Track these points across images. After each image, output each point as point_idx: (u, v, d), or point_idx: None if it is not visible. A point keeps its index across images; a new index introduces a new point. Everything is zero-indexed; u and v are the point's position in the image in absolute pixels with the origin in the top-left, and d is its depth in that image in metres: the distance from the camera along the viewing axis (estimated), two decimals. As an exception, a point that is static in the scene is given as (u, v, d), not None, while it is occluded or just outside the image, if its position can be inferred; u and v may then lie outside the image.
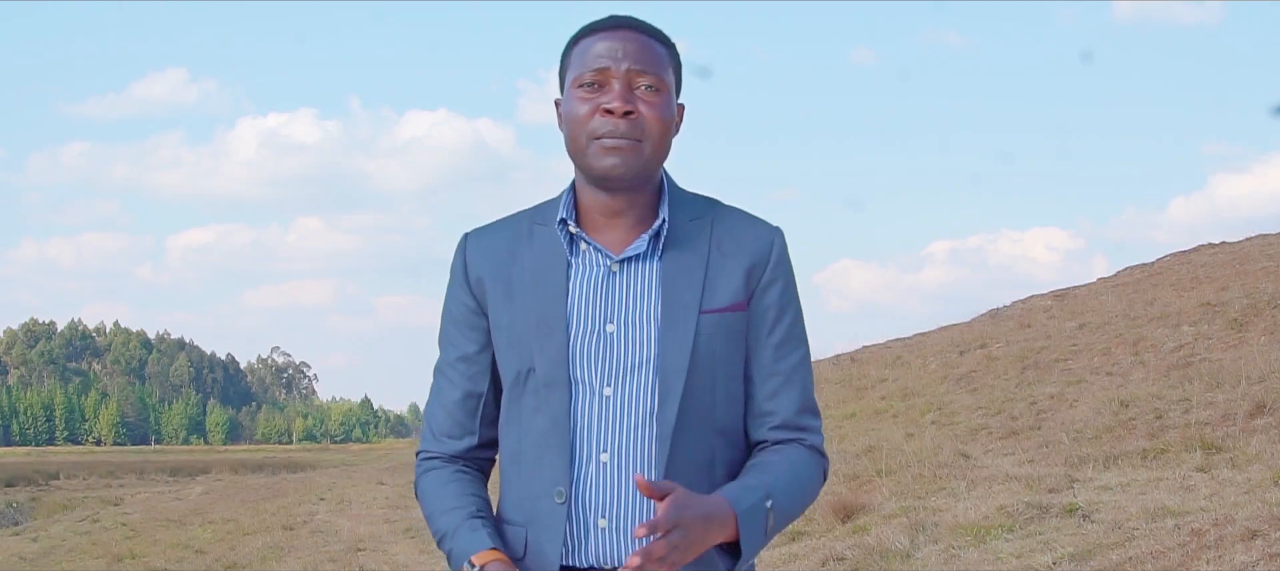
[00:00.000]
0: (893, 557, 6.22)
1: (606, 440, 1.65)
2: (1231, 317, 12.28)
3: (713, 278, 1.67)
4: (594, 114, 1.63)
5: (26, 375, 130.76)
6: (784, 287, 1.71)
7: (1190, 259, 19.46)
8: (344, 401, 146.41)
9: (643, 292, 1.67)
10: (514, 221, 1.75)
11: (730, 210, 1.74)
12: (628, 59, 1.63)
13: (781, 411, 1.70)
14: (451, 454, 1.76)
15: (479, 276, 1.72)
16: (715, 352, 1.66)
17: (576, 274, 1.68)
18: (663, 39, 1.69)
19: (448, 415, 1.75)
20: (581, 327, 1.66)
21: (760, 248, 1.69)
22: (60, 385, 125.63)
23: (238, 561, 11.98)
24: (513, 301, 1.69)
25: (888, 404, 13.73)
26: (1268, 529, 5.08)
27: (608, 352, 1.65)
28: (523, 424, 1.69)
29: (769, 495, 1.61)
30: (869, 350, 20.52)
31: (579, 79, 1.64)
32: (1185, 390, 9.21)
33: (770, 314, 1.69)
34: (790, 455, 1.69)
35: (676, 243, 1.68)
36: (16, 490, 36.53)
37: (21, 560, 15.90)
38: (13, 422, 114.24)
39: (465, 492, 1.73)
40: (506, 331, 1.69)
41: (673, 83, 1.68)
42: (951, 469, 8.37)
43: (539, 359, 1.66)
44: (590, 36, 1.66)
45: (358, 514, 14.89)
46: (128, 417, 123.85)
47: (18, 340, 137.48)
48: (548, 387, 1.66)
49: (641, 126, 1.63)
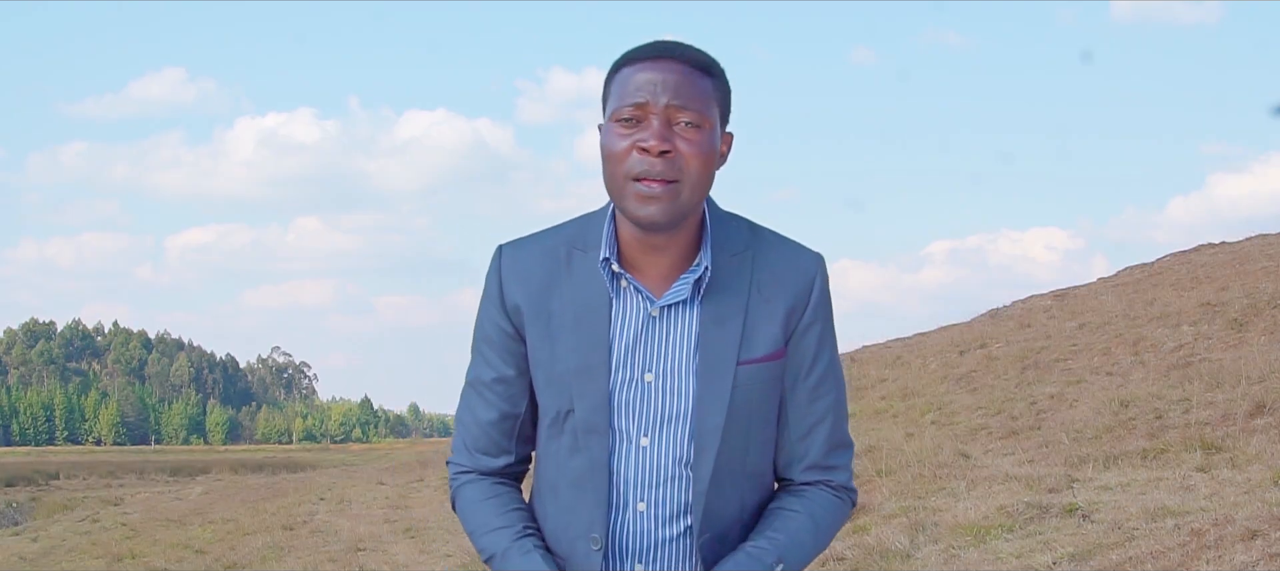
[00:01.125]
0: (893, 557, 6.21)
1: (643, 489, 1.65)
2: (1231, 317, 12.27)
3: (752, 326, 1.63)
4: (631, 151, 1.56)
5: (26, 375, 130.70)
6: (823, 328, 1.68)
7: (1190, 259, 19.46)
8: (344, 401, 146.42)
9: (681, 341, 1.64)
10: (550, 241, 1.69)
11: (771, 241, 1.68)
12: (667, 92, 1.56)
13: (811, 454, 1.70)
14: (488, 470, 1.74)
15: (516, 304, 1.67)
16: (752, 402, 1.64)
17: (617, 316, 1.64)
18: (709, 68, 1.60)
19: (484, 433, 1.73)
20: (622, 376, 1.63)
21: (800, 288, 1.65)
22: (60, 385, 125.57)
23: (238, 561, 11.98)
24: (553, 340, 1.65)
25: (888, 404, 13.72)
26: (1268, 529, 5.07)
27: (645, 403, 1.64)
28: (560, 460, 1.68)
29: (780, 559, 1.62)
30: (869, 350, 20.51)
31: (618, 113, 1.57)
32: (1185, 390, 9.21)
33: (808, 357, 1.67)
34: (811, 502, 1.69)
35: (717, 287, 1.63)
36: (16, 490, 36.51)
37: (21, 560, 15.90)
38: (13, 422, 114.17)
39: (507, 508, 1.71)
40: (546, 369, 1.66)
41: (717, 116, 1.61)
42: (951, 469, 8.36)
43: (579, 404, 1.64)
44: (631, 65, 1.59)
45: (358, 514, 14.87)
46: (128, 417, 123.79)
47: (18, 340, 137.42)
48: (588, 433, 1.64)
49: (679, 166, 1.56)
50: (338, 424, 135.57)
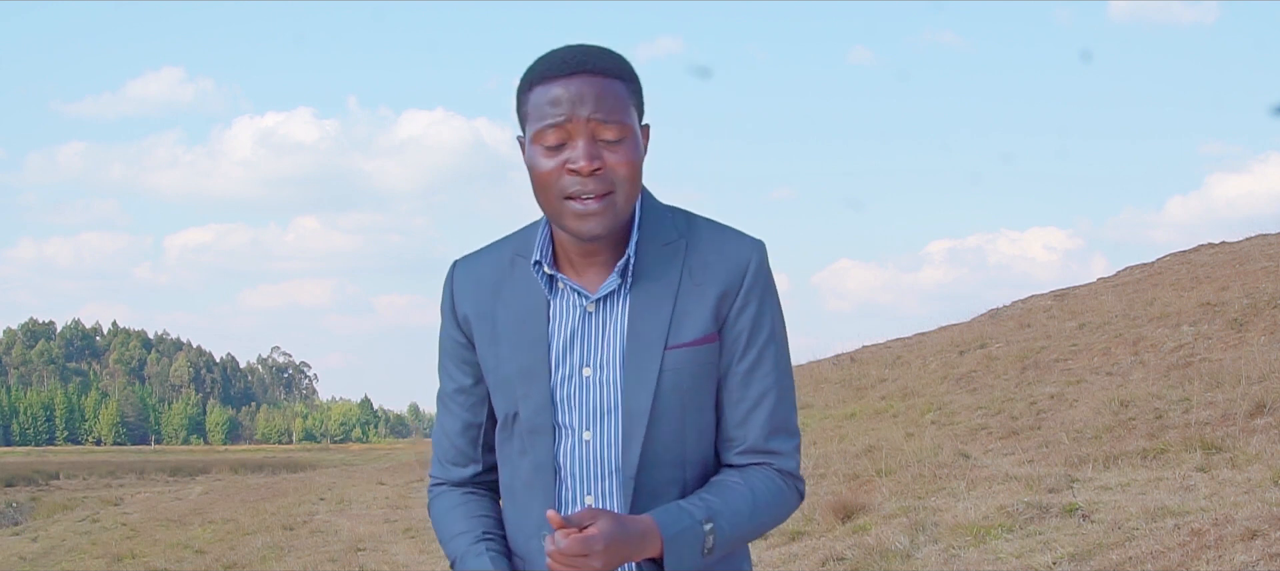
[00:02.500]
0: (893, 557, 6.21)
1: (590, 483, 1.67)
2: (1231, 317, 12.27)
3: (681, 311, 1.64)
4: (561, 172, 1.57)
5: (26, 375, 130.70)
6: (758, 310, 1.66)
7: (1190, 259, 19.46)
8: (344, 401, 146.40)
9: (615, 333, 1.65)
10: (498, 251, 1.73)
11: (708, 228, 1.69)
12: (587, 108, 1.56)
13: (749, 437, 1.68)
14: (458, 480, 1.79)
15: (465, 314, 1.72)
16: (682, 388, 1.64)
17: (556, 316, 1.66)
18: (620, 71, 1.60)
19: (451, 444, 1.78)
20: (562, 373, 1.66)
21: (733, 272, 1.65)
22: (60, 385, 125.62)
23: (238, 561, 11.98)
24: (497, 345, 1.69)
25: (888, 404, 13.73)
26: (1268, 529, 5.08)
27: (585, 397, 1.66)
28: (513, 462, 1.72)
29: (710, 517, 1.60)
30: (869, 350, 20.51)
31: (540, 134, 1.58)
32: (1185, 390, 9.21)
33: (742, 340, 1.66)
34: (752, 477, 1.68)
35: (647, 275, 1.64)
36: (16, 490, 36.54)
37: (21, 560, 15.90)
38: (13, 422, 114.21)
39: (472, 515, 1.75)
40: (493, 374, 1.70)
41: (636, 117, 1.62)
42: (951, 469, 8.37)
43: (523, 406, 1.67)
44: (545, 83, 1.58)
45: (358, 514, 14.88)
46: (128, 417, 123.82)
47: (17, 340, 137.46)
48: (532, 434, 1.67)
49: (610, 179, 1.58)
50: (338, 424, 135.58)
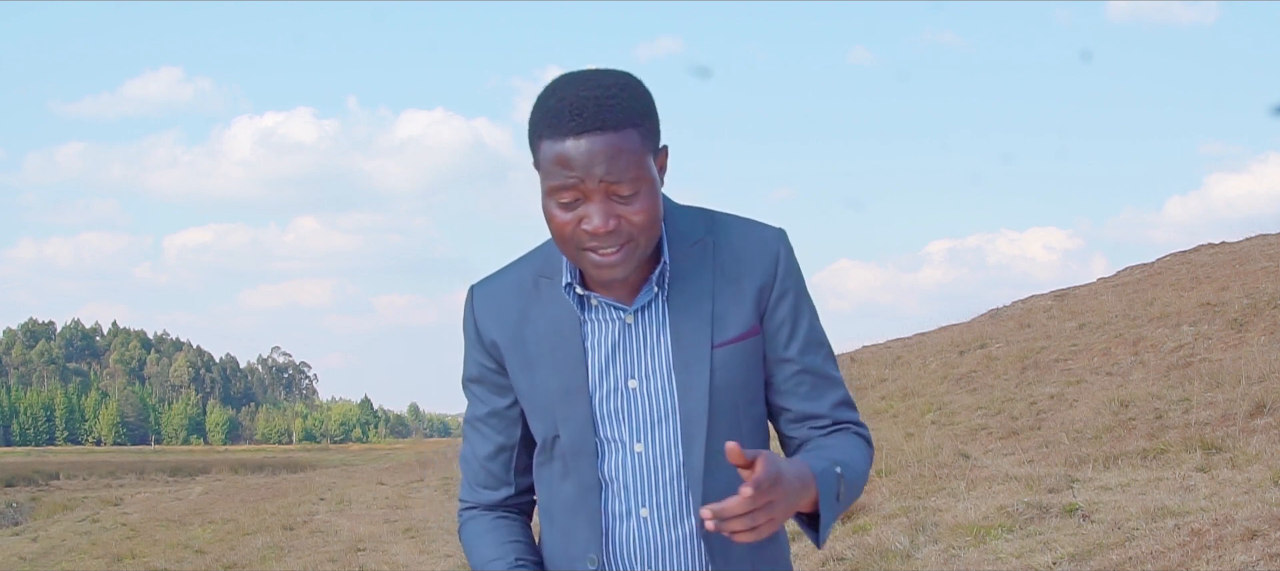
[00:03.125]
0: (893, 557, 6.21)
1: (644, 495, 1.65)
2: (1231, 317, 12.27)
3: (721, 309, 1.63)
4: (577, 227, 1.54)
5: (26, 375, 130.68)
6: (795, 296, 1.67)
7: (1190, 259, 19.45)
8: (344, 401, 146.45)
9: (658, 341, 1.64)
10: (518, 274, 1.70)
11: (729, 223, 1.68)
12: (600, 167, 1.50)
13: (821, 409, 1.69)
14: (489, 504, 1.76)
15: (493, 340, 1.69)
16: (733, 385, 1.64)
17: (592, 333, 1.65)
18: (633, 119, 1.53)
19: (483, 468, 1.75)
20: (605, 389, 1.64)
21: (765, 264, 1.65)
22: (60, 385, 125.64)
23: (238, 561, 11.97)
24: (532, 369, 1.66)
25: (888, 404, 13.72)
26: (1268, 529, 5.07)
27: (632, 409, 1.64)
28: (552, 487, 1.69)
29: (837, 462, 1.59)
30: (869, 350, 20.50)
31: (552, 188, 1.54)
32: (1185, 390, 9.21)
33: (786, 327, 1.66)
34: (840, 437, 1.68)
35: (681, 278, 1.63)
36: (16, 490, 36.54)
37: (21, 560, 15.89)
38: (13, 422, 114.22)
39: (504, 540, 1.72)
40: (529, 399, 1.67)
41: (652, 160, 1.56)
42: (951, 469, 8.36)
43: (564, 428, 1.64)
44: (554, 139, 1.52)
45: (358, 514, 14.87)
46: (128, 417, 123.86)
47: (17, 340, 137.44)
48: (575, 456, 1.65)
49: (627, 230, 1.55)
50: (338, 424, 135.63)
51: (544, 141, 1.53)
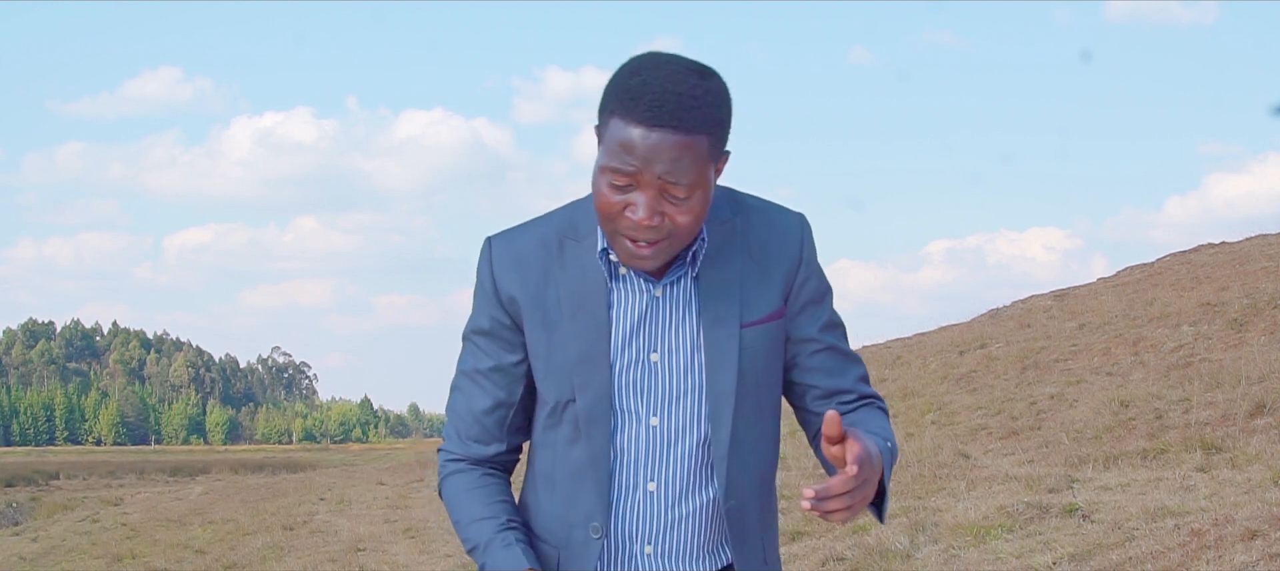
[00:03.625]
0: (893, 557, 6.21)
1: (653, 469, 1.65)
2: (1231, 317, 12.27)
3: (749, 290, 1.65)
4: (622, 209, 1.53)
5: (26, 375, 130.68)
6: (817, 279, 1.71)
7: (1190, 259, 19.45)
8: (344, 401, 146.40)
9: (684, 317, 1.64)
10: (541, 231, 1.67)
11: (753, 204, 1.69)
12: (661, 164, 1.49)
13: (846, 384, 1.73)
14: (479, 458, 1.73)
15: (511, 296, 1.66)
16: (758, 364, 1.66)
17: (618, 302, 1.63)
18: (707, 125, 1.51)
19: (476, 422, 1.72)
20: (626, 359, 1.63)
21: (790, 248, 1.67)
22: (60, 385, 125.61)
23: (238, 561, 11.97)
24: (551, 331, 1.64)
25: (888, 404, 13.71)
26: (1268, 529, 5.07)
27: (653, 382, 1.64)
28: (557, 450, 1.68)
29: (886, 438, 1.64)
30: (869, 350, 20.49)
31: (607, 165, 1.52)
32: (1185, 390, 9.21)
33: (810, 309, 1.70)
34: (867, 411, 1.73)
35: (709, 257, 1.64)
36: (16, 490, 36.52)
37: (21, 560, 15.89)
38: (13, 422, 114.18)
39: (493, 499, 1.71)
40: (545, 361, 1.65)
41: (712, 167, 1.54)
42: (951, 469, 8.36)
43: (581, 394, 1.63)
44: (627, 119, 1.49)
45: (358, 514, 14.87)
46: (128, 417, 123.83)
47: (17, 340, 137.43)
48: (589, 422, 1.64)
49: (668, 229, 1.54)
50: (337, 424, 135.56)
51: (615, 118, 1.51)
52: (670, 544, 1.67)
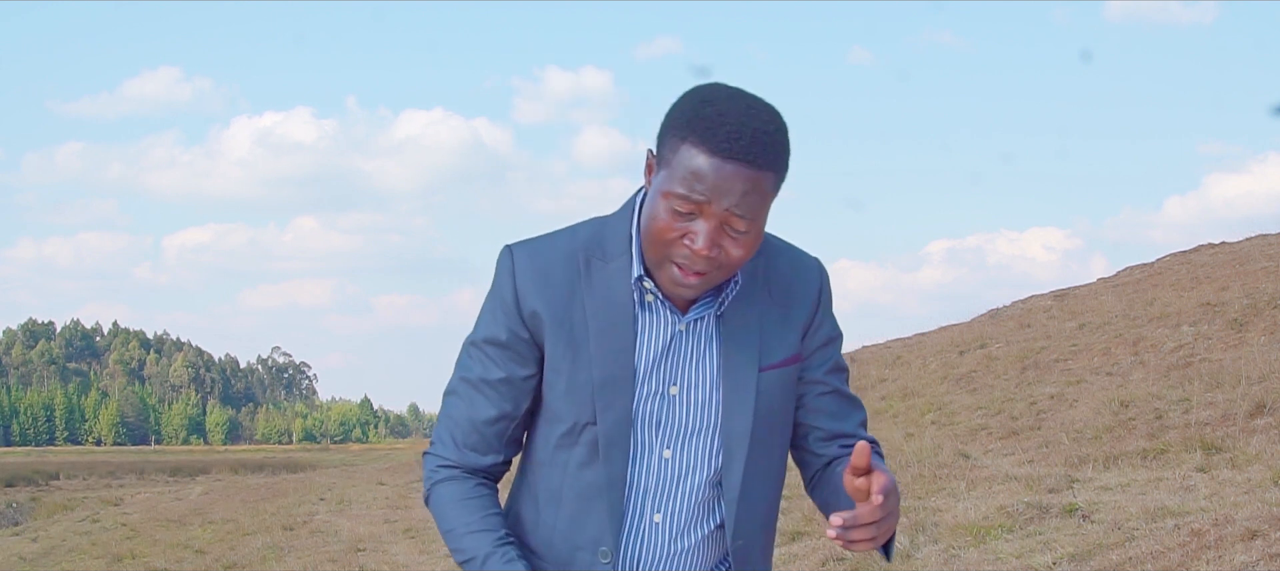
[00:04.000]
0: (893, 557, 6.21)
1: (660, 501, 1.66)
2: (1231, 317, 12.27)
3: (769, 333, 1.66)
4: (679, 238, 1.53)
5: (26, 375, 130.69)
6: (830, 325, 1.74)
7: (1190, 259, 19.45)
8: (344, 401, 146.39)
9: (706, 353, 1.65)
10: (566, 246, 1.65)
11: (776, 247, 1.71)
12: (730, 199, 1.49)
13: (849, 427, 1.75)
14: (473, 467, 1.71)
15: (534, 311, 1.63)
16: (774, 407, 1.68)
17: (644, 330, 1.63)
18: (777, 164, 1.54)
19: (476, 431, 1.69)
20: (648, 389, 1.64)
21: (810, 295, 1.70)
22: (60, 385, 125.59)
23: (238, 561, 11.97)
24: (576, 351, 1.62)
25: (888, 404, 13.72)
26: (1268, 529, 5.07)
27: (670, 415, 1.65)
28: (569, 471, 1.67)
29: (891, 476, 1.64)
30: (869, 350, 20.49)
31: (672, 191, 1.51)
32: (1185, 390, 9.21)
33: (820, 353, 1.72)
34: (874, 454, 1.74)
35: (734, 298, 1.65)
36: (16, 490, 36.53)
37: (21, 560, 15.90)
38: (13, 422, 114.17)
39: (488, 511, 1.69)
40: (567, 380, 1.63)
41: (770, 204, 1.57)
42: (951, 469, 8.36)
43: (603, 417, 1.62)
44: (699, 148, 1.49)
45: (358, 514, 14.88)
46: (128, 417, 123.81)
47: (17, 340, 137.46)
48: (608, 446, 1.63)
49: (721, 262, 1.54)
50: (337, 424, 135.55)
51: (688, 146, 1.50)
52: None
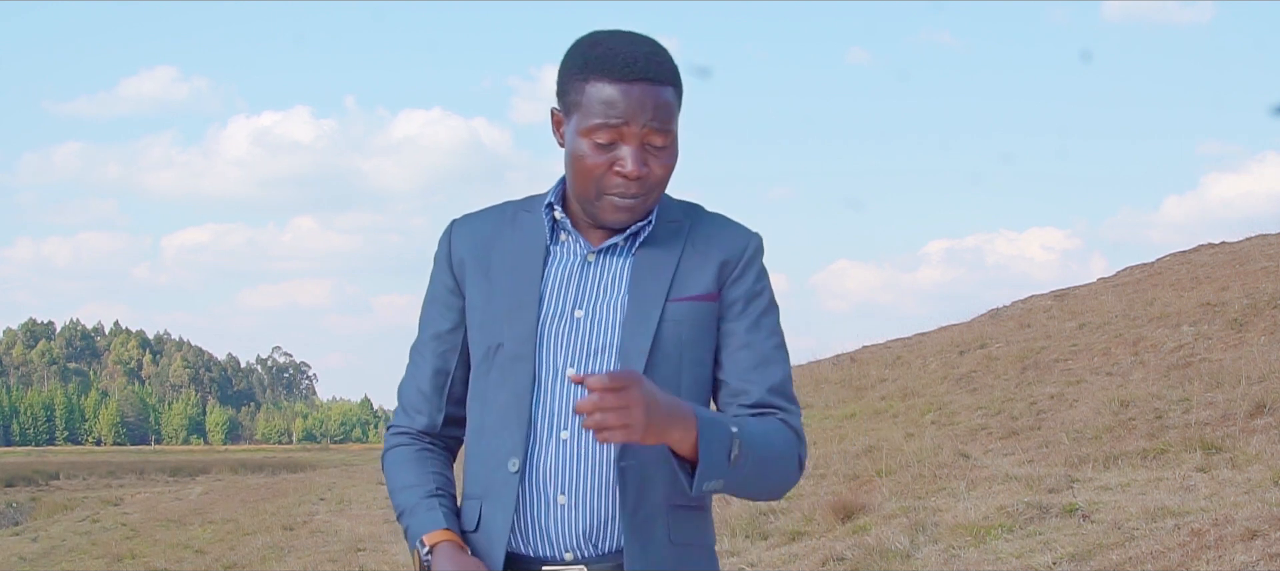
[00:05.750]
0: (893, 557, 6.21)
1: (566, 419, 1.69)
2: (1231, 317, 12.27)
3: (684, 270, 1.71)
4: (607, 169, 1.65)
5: (26, 375, 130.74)
6: (755, 281, 1.74)
7: (1190, 259, 19.45)
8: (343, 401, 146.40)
9: (614, 282, 1.71)
10: (500, 209, 1.80)
11: (712, 215, 1.78)
12: (644, 115, 1.63)
13: (754, 392, 1.71)
14: (419, 429, 1.80)
15: (461, 258, 1.77)
16: (681, 339, 1.69)
17: (553, 260, 1.73)
18: (674, 78, 1.67)
19: (417, 391, 1.80)
20: (551, 310, 1.70)
21: (733, 246, 1.74)
22: (60, 385, 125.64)
23: (238, 561, 11.98)
24: (490, 282, 1.74)
25: (888, 404, 13.72)
26: (1268, 529, 5.08)
27: (574, 336, 1.69)
28: (487, 399, 1.73)
29: (736, 425, 1.62)
30: (869, 350, 20.50)
31: (590, 127, 1.64)
32: (1185, 390, 9.21)
33: (741, 302, 1.73)
34: (769, 420, 1.70)
35: (652, 241, 1.73)
36: (16, 490, 36.56)
37: (21, 560, 15.90)
38: (13, 422, 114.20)
39: (427, 470, 1.77)
40: (481, 311, 1.74)
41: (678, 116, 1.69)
42: (951, 469, 8.37)
43: (507, 336, 1.70)
44: (604, 81, 1.63)
45: (358, 514, 14.88)
46: (128, 417, 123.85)
47: (18, 340, 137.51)
48: (513, 362, 1.70)
49: (651, 181, 1.66)
50: (338, 424, 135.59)
51: (592, 82, 1.63)
52: (583, 495, 1.68)
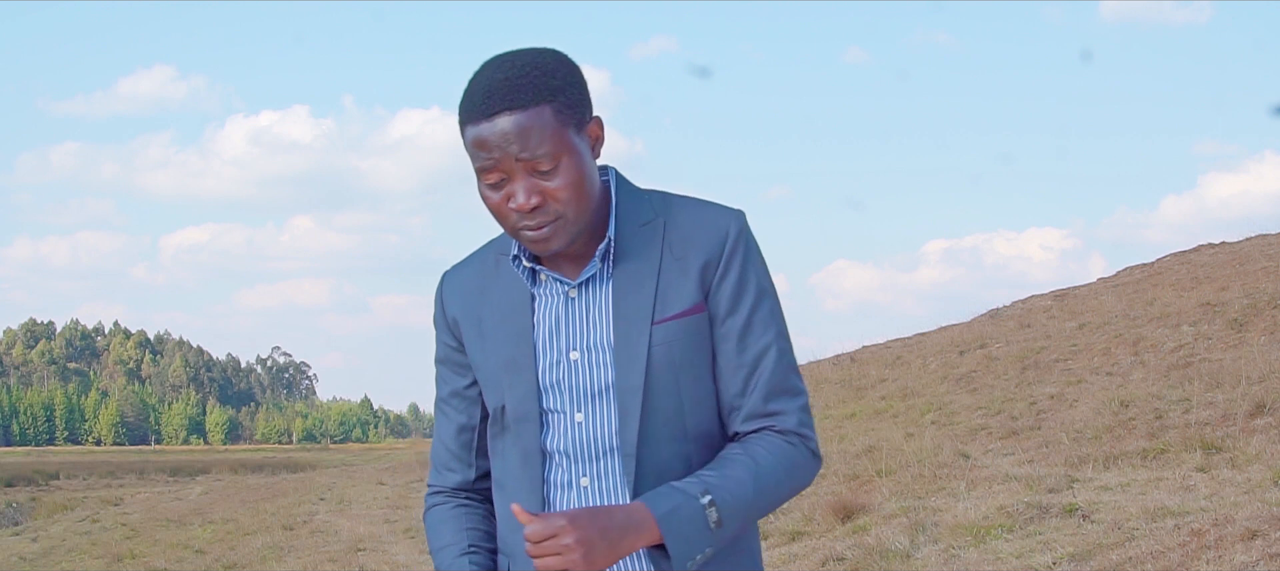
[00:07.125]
0: (893, 557, 6.22)
1: (585, 465, 1.66)
2: (1231, 317, 12.28)
3: (665, 286, 1.64)
4: (505, 206, 1.59)
5: (26, 375, 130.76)
6: (740, 274, 1.65)
7: (1190, 259, 19.46)
8: (343, 401, 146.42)
9: (600, 315, 1.66)
10: (482, 255, 1.76)
11: (685, 204, 1.69)
12: (515, 146, 1.55)
13: (748, 403, 1.66)
14: (453, 487, 1.80)
15: (454, 317, 1.75)
16: (674, 361, 1.63)
17: (540, 306, 1.68)
18: (544, 96, 1.56)
19: (446, 449, 1.79)
20: (549, 360, 1.67)
21: (713, 241, 1.64)
22: (60, 385, 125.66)
23: (238, 561, 11.99)
24: (484, 341, 1.71)
25: (888, 404, 13.72)
26: (1268, 529, 5.08)
27: (574, 380, 1.66)
28: (502, 457, 1.72)
29: (707, 490, 1.58)
30: (869, 350, 20.51)
31: (478, 170, 1.59)
32: (1185, 390, 9.21)
33: (726, 305, 1.65)
34: (752, 444, 1.66)
35: (627, 255, 1.65)
36: (16, 490, 36.58)
37: (21, 560, 15.91)
38: (13, 422, 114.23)
39: (461, 527, 1.76)
40: (481, 371, 1.72)
41: (573, 133, 1.58)
42: (951, 469, 8.37)
43: (509, 396, 1.68)
44: (471, 124, 1.57)
45: (358, 514, 14.89)
46: (128, 417, 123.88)
47: (18, 340, 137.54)
48: (519, 423, 1.68)
49: (554, 207, 1.58)
50: (337, 424, 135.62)
51: (466, 128, 1.59)
52: None
